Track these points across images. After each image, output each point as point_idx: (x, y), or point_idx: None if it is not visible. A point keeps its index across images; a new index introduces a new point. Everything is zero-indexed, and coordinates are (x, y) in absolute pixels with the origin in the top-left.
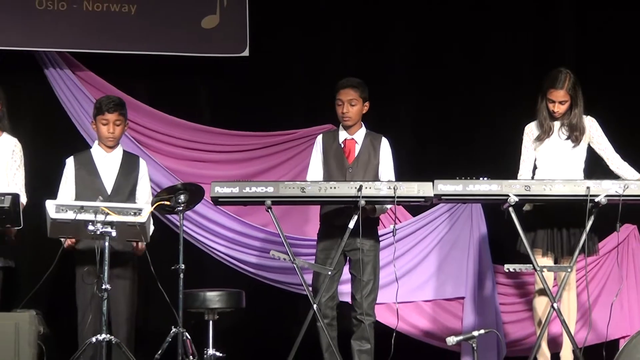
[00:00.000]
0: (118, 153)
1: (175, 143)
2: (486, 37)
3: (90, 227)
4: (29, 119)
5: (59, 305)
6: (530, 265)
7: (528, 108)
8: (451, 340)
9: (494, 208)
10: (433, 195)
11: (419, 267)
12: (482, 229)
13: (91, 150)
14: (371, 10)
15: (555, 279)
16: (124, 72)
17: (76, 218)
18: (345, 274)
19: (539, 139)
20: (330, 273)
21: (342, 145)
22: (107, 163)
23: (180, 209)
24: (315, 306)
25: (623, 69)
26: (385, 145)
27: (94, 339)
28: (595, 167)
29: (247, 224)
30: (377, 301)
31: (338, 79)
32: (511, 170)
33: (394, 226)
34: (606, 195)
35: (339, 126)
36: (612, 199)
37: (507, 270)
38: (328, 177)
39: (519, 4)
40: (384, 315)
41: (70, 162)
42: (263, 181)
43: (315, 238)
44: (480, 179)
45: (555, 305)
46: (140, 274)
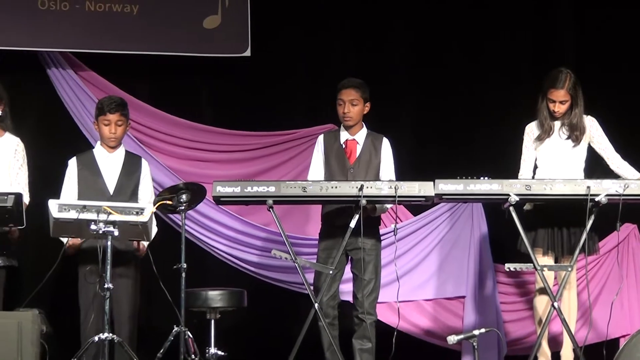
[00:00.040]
0: (120, 153)
1: (177, 143)
2: (485, 37)
3: (93, 227)
4: (32, 118)
5: (62, 304)
6: (531, 264)
7: (528, 107)
8: (452, 339)
9: (494, 207)
10: (434, 194)
11: (420, 266)
12: (483, 229)
13: (93, 150)
14: (371, 10)
15: (555, 278)
16: (126, 72)
17: (79, 217)
18: (347, 273)
19: (540, 139)
20: (331, 272)
21: (344, 146)
22: (110, 163)
23: (182, 208)
24: (316, 305)
25: (622, 67)
26: (386, 146)
27: (97, 338)
28: (595, 167)
29: (249, 224)
30: (379, 300)
31: (339, 79)
32: (511, 170)
33: (395, 225)
34: (606, 195)
35: (340, 126)
36: (613, 199)
37: (508, 270)
38: (329, 178)
39: (517, 3)
40: (385, 314)
41: (72, 163)
42: (265, 181)
43: (316, 237)
44: (481, 178)
45: (555, 304)
46: (142, 273)
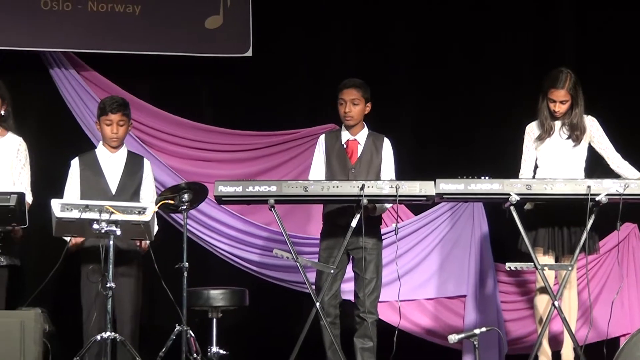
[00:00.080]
0: (122, 153)
1: (179, 142)
2: (486, 38)
3: (95, 226)
4: (34, 118)
5: (64, 303)
6: (532, 263)
7: (528, 108)
8: (453, 338)
9: (495, 207)
10: (435, 194)
11: (421, 266)
12: (484, 228)
13: (96, 150)
14: (372, 11)
15: (556, 277)
16: (128, 72)
17: (81, 217)
18: (348, 272)
19: (540, 139)
20: (333, 272)
21: (345, 146)
22: (112, 163)
23: (184, 207)
24: (318, 304)
25: (623, 69)
26: (387, 146)
27: (99, 337)
28: (595, 167)
29: (251, 223)
30: (380, 299)
31: (340, 79)
32: (511, 169)
33: (396, 225)
34: (607, 194)
35: (341, 126)
36: (613, 198)
37: (509, 269)
38: (331, 177)
39: (519, 4)
40: (386, 313)
41: (75, 163)
42: (266, 180)
43: (318, 237)
44: (482, 178)
45: (556, 303)
46: (144, 272)
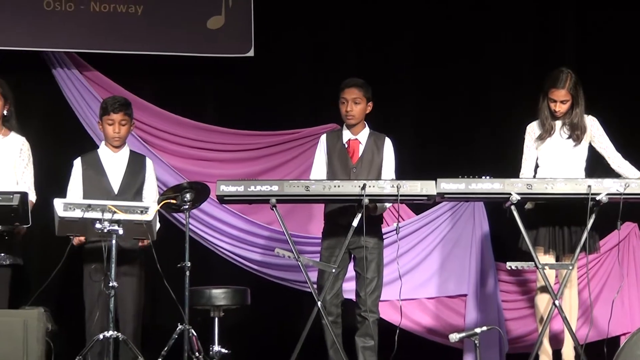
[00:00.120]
0: (125, 153)
1: (181, 142)
2: (486, 38)
3: (98, 225)
4: (37, 118)
5: (67, 302)
6: (532, 263)
7: (528, 108)
8: (454, 337)
9: (496, 206)
10: (436, 193)
11: (422, 265)
12: (485, 227)
13: (98, 150)
14: (373, 11)
15: (556, 276)
16: (130, 72)
17: (84, 216)
18: (350, 271)
19: (541, 138)
20: (334, 271)
21: (346, 146)
22: (114, 163)
23: (186, 207)
24: (319, 304)
25: (623, 69)
26: (388, 145)
27: (101, 336)
28: (596, 166)
29: (252, 222)
30: (381, 298)
31: (341, 79)
32: (512, 169)
33: (397, 224)
34: (607, 194)
35: (342, 126)
36: (613, 198)
37: (509, 268)
38: (332, 177)
39: (519, 4)
40: (387, 313)
41: (77, 163)
42: (268, 180)
43: (319, 236)
44: (483, 177)
45: (556, 302)
46: (146, 271)
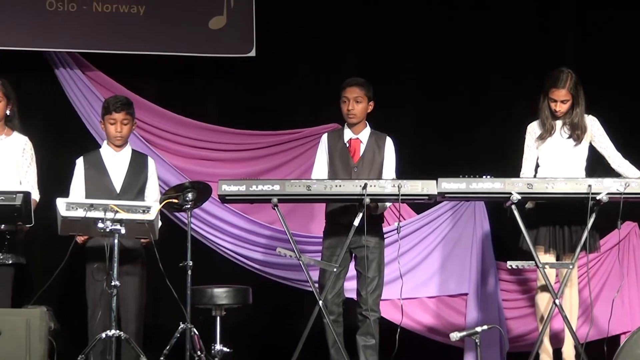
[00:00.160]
0: (127, 152)
1: (183, 142)
2: (487, 38)
3: (100, 225)
4: (40, 118)
5: (70, 301)
6: (533, 262)
7: (528, 108)
8: (455, 336)
9: (496, 206)
10: (437, 193)
11: (423, 264)
12: (485, 227)
13: (100, 149)
14: (374, 12)
15: (557, 275)
16: (132, 72)
17: (86, 216)
18: (351, 270)
19: (541, 138)
20: (335, 270)
21: (347, 145)
22: (116, 162)
23: (188, 206)
24: (321, 303)
25: (623, 69)
26: (389, 145)
27: (104, 335)
28: (596, 166)
29: (254, 222)
30: (382, 297)
31: (342, 80)
32: (512, 169)
33: (398, 224)
34: (607, 193)
35: (343, 125)
36: (614, 197)
37: (510, 267)
38: (333, 176)
39: (519, 4)
40: (388, 311)
41: (80, 163)
42: (269, 179)
43: (320, 235)
44: (484, 177)
45: (557, 301)
46: (149, 270)
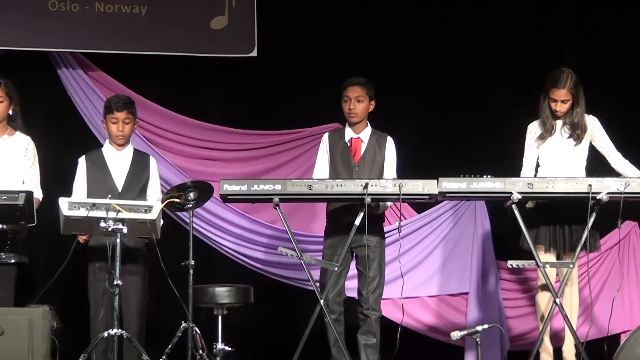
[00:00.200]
0: (129, 151)
1: (185, 142)
2: (487, 38)
3: (102, 224)
4: (43, 118)
5: (72, 300)
6: (533, 261)
7: (528, 108)
8: (455, 334)
9: (497, 205)
10: (438, 192)
11: (424, 263)
12: (486, 226)
13: (102, 149)
14: (374, 12)
15: (557, 274)
16: (134, 72)
17: (88, 215)
18: (352, 269)
19: (542, 138)
20: (337, 269)
21: (349, 144)
22: (118, 161)
23: (190, 206)
24: (322, 302)
25: (623, 69)
26: (390, 144)
27: (106, 334)
28: (596, 165)
29: (255, 221)
30: (383, 296)
31: (343, 79)
32: (512, 169)
33: (399, 223)
34: (608, 193)
35: (345, 125)
36: (614, 196)
37: (510, 266)
38: (334, 176)
39: (519, 4)
40: (389, 310)
41: (82, 162)
42: (271, 179)
43: (322, 235)
44: (484, 176)
45: (557, 300)
46: (150, 269)
